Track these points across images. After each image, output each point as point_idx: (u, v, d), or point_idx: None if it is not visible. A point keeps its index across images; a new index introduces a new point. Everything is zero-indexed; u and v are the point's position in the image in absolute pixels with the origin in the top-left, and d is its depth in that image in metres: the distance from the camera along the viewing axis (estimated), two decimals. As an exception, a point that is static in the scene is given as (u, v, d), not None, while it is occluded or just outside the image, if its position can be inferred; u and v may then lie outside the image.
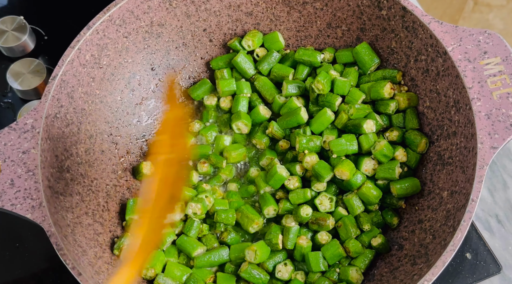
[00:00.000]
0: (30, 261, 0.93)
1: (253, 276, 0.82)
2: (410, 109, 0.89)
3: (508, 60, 0.79)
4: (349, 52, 0.93)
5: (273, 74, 0.95)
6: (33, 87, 1.04)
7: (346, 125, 0.88)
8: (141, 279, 0.83)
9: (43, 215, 0.74)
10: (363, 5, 0.90)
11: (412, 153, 0.87)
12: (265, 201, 0.87)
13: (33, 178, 0.76)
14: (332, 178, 0.86)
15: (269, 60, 0.96)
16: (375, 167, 0.86)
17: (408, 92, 0.90)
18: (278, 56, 0.96)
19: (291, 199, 0.87)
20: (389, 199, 0.86)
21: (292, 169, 0.88)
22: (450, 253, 0.70)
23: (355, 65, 0.94)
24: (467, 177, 0.75)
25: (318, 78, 0.88)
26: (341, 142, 0.86)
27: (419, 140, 0.85)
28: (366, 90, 0.90)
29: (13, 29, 1.09)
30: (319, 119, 0.89)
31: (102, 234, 0.83)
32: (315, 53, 0.93)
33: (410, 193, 0.85)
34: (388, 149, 0.85)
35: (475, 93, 0.77)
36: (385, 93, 0.88)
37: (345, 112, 0.88)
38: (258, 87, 0.95)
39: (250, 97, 0.95)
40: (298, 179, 0.88)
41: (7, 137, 0.78)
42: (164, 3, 0.91)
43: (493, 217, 0.95)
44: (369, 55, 0.91)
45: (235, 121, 0.92)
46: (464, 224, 0.71)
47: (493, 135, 0.75)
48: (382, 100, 0.89)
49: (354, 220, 0.85)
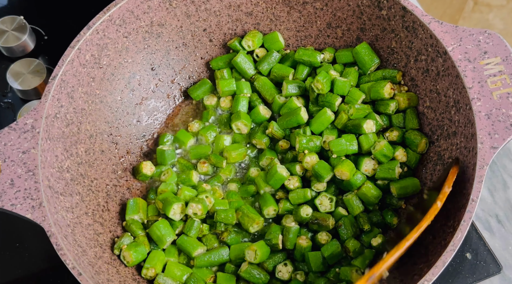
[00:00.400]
0: (30, 261, 0.92)
1: (253, 276, 0.82)
2: (410, 109, 0.89)
3: (508, 60, 0.79)
4: (349, 52, 0.93)
5: (273, 75, 0.95)
6: (33, 87, 1.04)
7: (346, 125, 0.88)
8: (141, 279, 0.83)
9: (43, 215, 0.74)
10: (363, 5, 0.90)
11: (412, 152, 0.86)
12: (265, 201, 0.87)
13: (33, 178, 0.76)
14: (332, 178, 0.86)
15: (269, 61, 0.96)
16: (375, 167, 0.86)
17: (408, 92, 0.90)
18: (278, 56, 0.96)
19: (291, 199, 0.87)
20: (389, 199, 0.86)
21: (292, 169, 0.88)
22: (450, 253, 0.70)
23: (355, 65, 0.94)
24: (467, 176, 0.75)
25: (317, 77, 0.88)
26: (341, 142, 0.86)
27: (419, 141, 0.85)
28: (366, 90, 0.90)
29: (13, 29, 1.09)
30: (319, 119, 0.89)
31: (102, 234, 0.83)
32: (315, 53, 0.93)
33: (410, 193, 0.85)
34: (388, 149, 0.85)
35: (475, 93, 0.77)
36: (385, 94, 0.88)
37: (345, 112, 0.88)
38: (258, 87, 0.95)
39: (250, 97, 0.95)
40: (298, 179, 0.88)
41: (7, 137, 0.78)
42: (164, 3, 0.91)
43: (493, 217, 0.95)
44: (369, 55, 0.91)
45: (234, 121, 0.92)
46: (464, 224, 0.71)
47: (493, 135, 0.75)
48: (382, 100, 0.89)
49: (354, 220, 0.85)
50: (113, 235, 0.85)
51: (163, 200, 0.85)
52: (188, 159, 0.93)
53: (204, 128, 0.94)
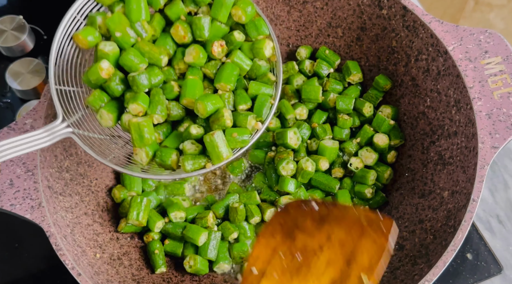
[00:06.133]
0: (29, 261, 0.92)
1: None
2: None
3: (509, 60, 0.79)
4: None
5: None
6: (33, 87, 1.03)
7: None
8: (141, 279, 0.83)
9: (42, 215, 0.73)
10: (364, 4, 0.89)
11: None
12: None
13: (32, 178, 0.75)
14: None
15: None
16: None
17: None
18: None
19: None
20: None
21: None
22: (451, 253, 0.70)
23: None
24: (468, 176, 0.75)
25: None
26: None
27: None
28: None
29: (13, 28, 1.08)
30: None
31: (101, 234, 0.83)
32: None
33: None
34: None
35: (476, 92, 0.77)
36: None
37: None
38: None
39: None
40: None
41: (6, 137, 0.78)
42: (164, 3, 0.90)
43: (494, 217, 0.94)
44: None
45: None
46: (465, 224, 0.71)
47: (494, 135, 0.75)
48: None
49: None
50: (112, 235, 0.85)
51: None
52: None
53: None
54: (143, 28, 0.72)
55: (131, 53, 0.70)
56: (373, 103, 0.93)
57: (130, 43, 0.71)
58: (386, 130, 0.90)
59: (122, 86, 0.72)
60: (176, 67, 0.74)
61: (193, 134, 0.71)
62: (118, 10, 0.73)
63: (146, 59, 0.71)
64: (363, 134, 0.91)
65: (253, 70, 0.75)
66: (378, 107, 0.94)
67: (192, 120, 0.73)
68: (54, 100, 0.70)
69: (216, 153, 0.69)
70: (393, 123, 0.89)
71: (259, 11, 0.76)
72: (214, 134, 0.68)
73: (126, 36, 0.71)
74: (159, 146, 0.73)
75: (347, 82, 0.95)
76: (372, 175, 0.88)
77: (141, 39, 0.72)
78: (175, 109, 0.72)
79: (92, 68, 0.71)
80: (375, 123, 0.90)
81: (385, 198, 0.89)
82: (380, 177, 0.89)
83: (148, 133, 0.69)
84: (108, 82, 0.71)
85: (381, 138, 0.89)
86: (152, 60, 0.72)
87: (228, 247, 0.87)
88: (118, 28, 0.71)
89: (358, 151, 0.91)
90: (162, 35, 0.74)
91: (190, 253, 0.85)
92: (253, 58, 0.75)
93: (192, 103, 0.71)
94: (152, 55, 0.71)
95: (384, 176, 0.89)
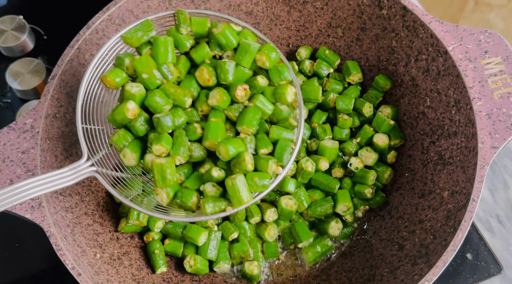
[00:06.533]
0: (30, 261, 0.92)
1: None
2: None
3: (509, 60, 0.79)
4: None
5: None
6: (33, 87, 1.03)
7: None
8: (141, 279, 0.83)
9: (42, 215, 0.73)
10: (364, 5, 0.90)
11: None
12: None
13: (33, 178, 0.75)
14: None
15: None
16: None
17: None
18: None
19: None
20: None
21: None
22: (451, 253, 0.70)
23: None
24: (468, 176, 0.75)
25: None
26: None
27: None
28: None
29: (13, 28, 1.08)
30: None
31: (101, 234, 0.83)
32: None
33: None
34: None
35: (476, 93, 0.77)
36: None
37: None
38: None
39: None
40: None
41: (6, 137, 0.78)
42: (164, 3, 0.90)
43: (494, 217, 0.95)
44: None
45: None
46: (464, 224, 0.71)
47: (494, 135, 0.75)
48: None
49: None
50: (112, 235, 0.85)
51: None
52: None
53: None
54: (169, 71, 0.73)
55: (156, 95, 0.71)
56: (373, 103, 0.93)
57: (156, 84, 0.72)
58: (386, 131, 0.90)
59: (146, 127, 0.72)
60: (199, 109, 0.74)
61: (214, 177, 0.71)
62: (146, 52, 0.74)
63: (171, 101, 0.72)
64: (363, 135, 0.91)
65: (274, 115, 0.75)
66: (378, 107, 0.94)
67: (213, 161, 0.73)
68: (80, 139, 0.71)
69: (237, 197, 0.69)
70: (393, 123, 0.90)
71: (282, 57, 0.76)
72: (236, 178, 0.68)
73: (153, 78, 0.72)
74: (180, 186, 0.73)
75: (347, 82, 0.95)
76: (372, 175, 0.88)
77: (167, 81, 0.73)
78: (197, 151, 0.73)
79: (119, 108, 0.72)
80: (375, 123, 0.90)
81: (385, 198, 0.90)
82: (380, 177, 0.89)
83: (170, 175, 0.69)
84: (133, 122, 0.72)
85: (381, 139, 0.89)
86: (176, 101, 0.72)
87: (228, 247, 0.87)
88: (145, 70, 0.72)
89: (358, 151, 0.91)
90: (187, 77, 0.75)
91: (190, 253, 0.86)
92: (275, 103, 0.76)
93: (215, 145, 0.72)
94: (176, 97, 0.72)
95: (384, 176, 0.89)
